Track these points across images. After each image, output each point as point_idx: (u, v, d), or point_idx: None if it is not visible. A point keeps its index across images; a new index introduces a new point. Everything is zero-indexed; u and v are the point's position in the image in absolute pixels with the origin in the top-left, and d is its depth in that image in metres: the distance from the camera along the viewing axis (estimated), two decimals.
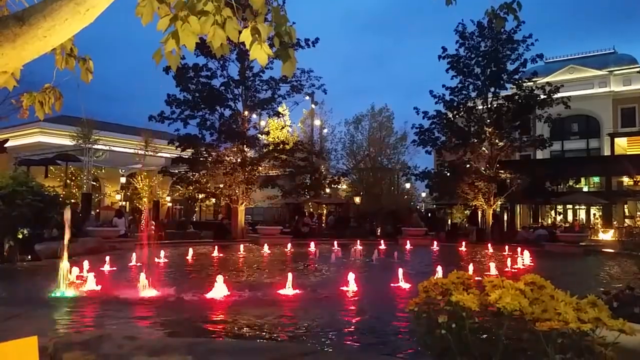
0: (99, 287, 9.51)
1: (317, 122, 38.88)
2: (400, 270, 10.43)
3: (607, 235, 29.98)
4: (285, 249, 19.52)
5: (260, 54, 2.70)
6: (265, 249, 18.98)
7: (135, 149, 30.92)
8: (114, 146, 29.43)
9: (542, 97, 26.13)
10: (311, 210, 36.52)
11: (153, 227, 27.09)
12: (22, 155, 28.21)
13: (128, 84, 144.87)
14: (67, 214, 9.68)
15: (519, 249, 17.00)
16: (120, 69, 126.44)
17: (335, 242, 19.87)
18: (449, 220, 36.90)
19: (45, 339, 3.60)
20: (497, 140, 26.61)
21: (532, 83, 26.92)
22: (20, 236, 14.29)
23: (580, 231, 27.02)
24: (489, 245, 20.57)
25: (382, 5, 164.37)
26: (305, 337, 6.20)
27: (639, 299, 4.47)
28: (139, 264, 13.72)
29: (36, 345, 2.64)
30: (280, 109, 29.05)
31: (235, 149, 25.79)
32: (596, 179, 37.22)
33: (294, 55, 2.86)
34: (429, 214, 38.83)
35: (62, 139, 29.86)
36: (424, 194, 46.37)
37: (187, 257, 15.87)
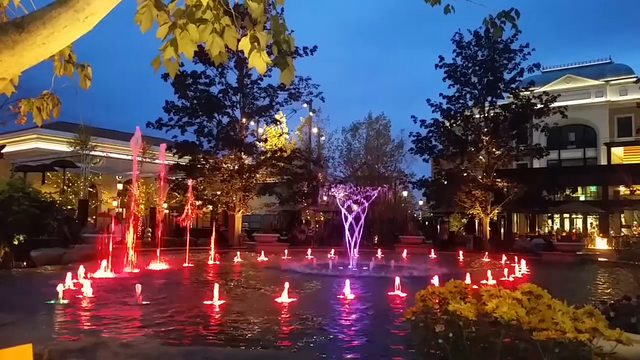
0: (95, 294, 9.47)
1: (314, 130, 38.92)
2: (397, 279, 10.41)
3: (603, 245, 30.01)
4: (282, 257, 19.47)
5: (258, 62, 2.70)
6: (262, 256, 18.92)
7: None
8: (111, 153, 29.37)
9: (539, 106, 26.24)
10: (308, 217, 36.45)
11: (150, 234, 27.04)
12: (19, 161, 28.13)
13: (126, 90, 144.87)
14: None
15: (516, 258, 17.00)
16: (118, 75, 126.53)
17: (332, 250, 19.87)
18: (447, 228, 36.87)
19: (41, 346, 3.58)
20: (494, 149, 26.69)
21: (529, 92, 27.03)
22: (16, 242, 14.24)
23: (577, 240, 27.08)
24: (486, 253, 20.56)
25: (379, 13, 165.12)
26: (302, 345, 6.16)
27: (635, 309, 4.47)
28: (135, 270, 13.68)
29: (31, 353, 2.63)
30: (277, 117, 29.08)
31: (233, 156, 25.80)
32: (593, 188, 37.30)
33: (292, 63, 2.87)
34: (426, 223, 38.79)
35: (59, 145, 29.82)
36: (421, 202, 46.34)
37: (183, 264, 15.82)
